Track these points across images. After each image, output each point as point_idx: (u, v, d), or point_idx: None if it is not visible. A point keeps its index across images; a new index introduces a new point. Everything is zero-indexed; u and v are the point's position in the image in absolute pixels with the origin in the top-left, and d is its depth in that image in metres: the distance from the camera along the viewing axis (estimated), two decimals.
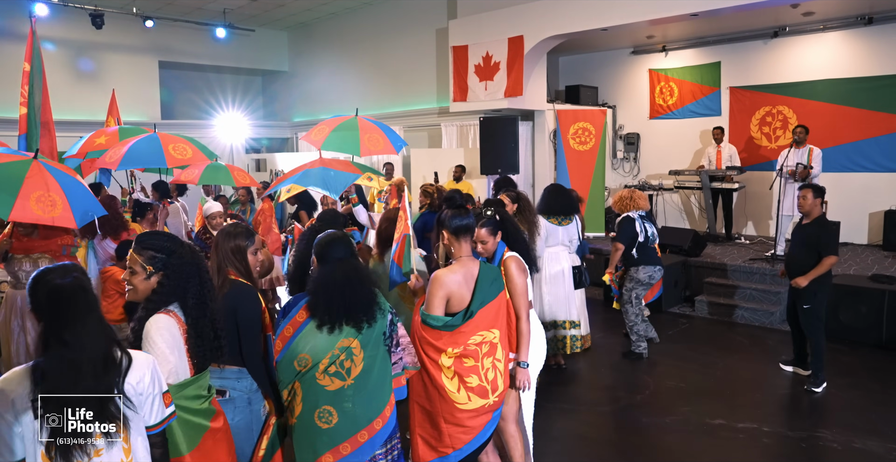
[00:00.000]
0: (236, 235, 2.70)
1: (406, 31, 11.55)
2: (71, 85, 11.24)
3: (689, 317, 6.92)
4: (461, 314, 2.73)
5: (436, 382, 2.69)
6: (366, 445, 2.47)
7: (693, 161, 10.09)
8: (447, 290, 2.70)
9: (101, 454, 1.72)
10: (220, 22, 12.51)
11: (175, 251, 2.20)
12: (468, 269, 2.77)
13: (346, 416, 2.45)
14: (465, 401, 2.69)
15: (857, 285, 5.96)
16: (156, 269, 2.16)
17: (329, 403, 2.44)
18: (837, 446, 3.92)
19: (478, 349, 2.72)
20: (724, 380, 5.10)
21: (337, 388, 2.44)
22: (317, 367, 2.44)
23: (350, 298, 2.46)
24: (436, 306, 2.69)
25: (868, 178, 8.57)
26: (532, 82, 9.24)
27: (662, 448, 3.98)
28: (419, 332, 2.72)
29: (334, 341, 2.43)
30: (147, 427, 1.86)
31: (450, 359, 2.70)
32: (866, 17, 8.40)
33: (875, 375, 5.14)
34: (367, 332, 2.49)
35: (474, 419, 2.74)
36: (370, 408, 2.50)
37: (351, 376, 2.45)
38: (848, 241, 8.65)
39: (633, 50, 10.84)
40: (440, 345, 2.68)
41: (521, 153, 9.23)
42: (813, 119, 8.69)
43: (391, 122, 11.71)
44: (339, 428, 2.45)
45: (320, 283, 2.49)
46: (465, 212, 2.83)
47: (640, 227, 5.32)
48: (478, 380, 2.71)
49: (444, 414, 2.72)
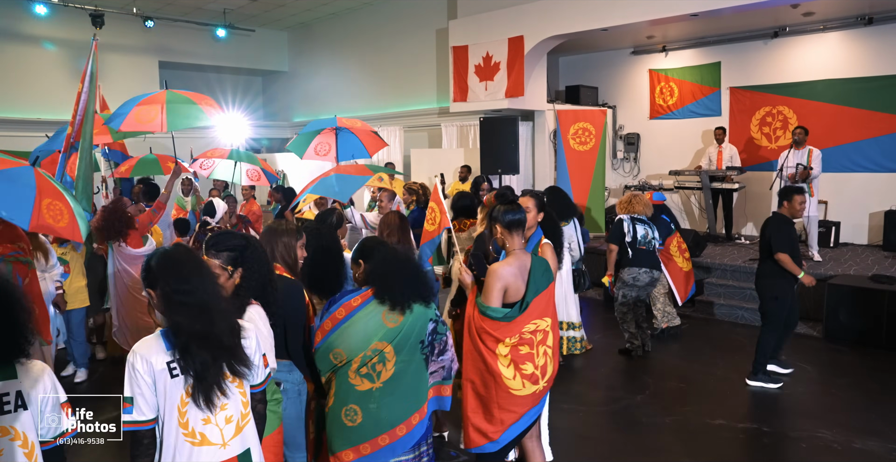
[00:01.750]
0: (285, 232, 2.79)
1: (406, 31, 11.55)
2: (71, 85, 11.23)
3: (688, 317, 6.91)
4: (518, 305, 2.83)
5: (492, 370, 2.78)
6: (386, 449, 2.50)
7: (693, 161, 10.09)
8: (504, 282, 2.80)
9: (226, 407, 1.92)
10: (220, 22, 12.51)
11: (247, 245, 2.35)
12: (522, 261, 2.88)
13: (370, 417, 2.49)
14: (520, 387, 2.80)
15: (857, 285, 5.95)
16: (235, 267, 2.30)
17: (356, 403, 2.49)
18: (837, 446, 3.92)
19: (532, 337, 2.83)
20: (724, 380, 5.10)
21: (366, 389, 2.49)
22: (349, 365, 2.49)
23: (415, 278, 2.56)
24: (494, 298, 2.80)
25: (868, 178, 8.57)
26: (532, 82, 9.25)
27: (662, 448, 3.98)
28: (477, 323, 2.81)
29: (368, 343, 2.48)
30: (252, 386, 2.04)
31: (506, 347, 2.80)
32: (866, 18, 8.40)
33: (875, 375, 5.14)
34: (402, 338, 2.51)
35: (525, 405, 2.85)
36: (395, 413, 2.52)
37: (380, 380, 2.49)
38: (848, 241, 8.65)
39: (633, 50, 10.84)
40: (498, 335, 2.78)
41: (521, 153, 9.23)
42: (813, 119, 8.69)
43: (391, 122, 11.74)
44: (362, 428, 2.49)
45: (384, 267, 2.56)
46: (516, 207, 2.94)
47: (627, 229, 5.45)
48: (532, 367, 2.82)
49: (499, 400, 2.81)
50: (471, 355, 2.87)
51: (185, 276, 1.88)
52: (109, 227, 4.66)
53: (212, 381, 1.85)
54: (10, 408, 1.74)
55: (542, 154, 9.83)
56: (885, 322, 5.71)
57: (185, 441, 1.86)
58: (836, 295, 5.98)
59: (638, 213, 5.55)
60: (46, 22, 10.99)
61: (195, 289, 1.87)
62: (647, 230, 5.50)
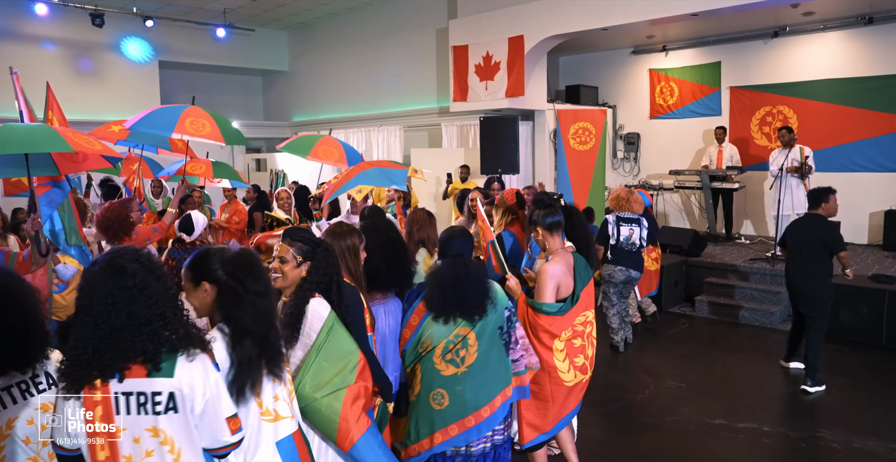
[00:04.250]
0: (349, 234, 2.78)
1: (406, 31, 11.55)
2: (71, 85, 11.24)
3: (689, 317, 6.92)
4: (569, 298, 3.03)
5: (547, 365, 2.93)
6: (472, 430, 2.64)
7: (693, 161, 10.09)
8: (557, 280, 2.99)
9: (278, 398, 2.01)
10: (220, 22, 12.51)
11: (321, 244, 2.41)
12: (566, 259, 3.07)
13: (457, 399, 2.62)
14: (572, 378, 2.98)
15: (857, 285, 5.95)
16: (304, 259, 2.36)
17: (442, 387, 2.63)
18: (837, 446, 3.92)
19: (583, 329, 3.02)
20: (724, 380, 5.10)
21: (451, 373, 2.64)
22: (434, 351, 2.64)
23: (460, 294, 2.62)
24: (549, 295, 2.97)
25: (868, 178, 8.57)
26: (532, 82, 9.24)
27: (662, 448, 3.98)
28: (532, 321, 2.96)
29: (451, 330, 2.63)
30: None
31: (562, 342, 2.97)
32: (866, 17, 8.40)
33: (875, 375, 5.14)
34: (482, 325, 2.65)
35: (575, 395, 3.05)
36: (480, 396, 2.65)
37: (465, 364, 2.63)
38: (848, 241, 8.56)
39: (633, 50, 10.84)
40: (554, 330, 2.95)
41: (522, 153, 9.23)
42: (813, 119, 8.70)
43: (391, 122, 11.76)
44: (449, 410, 2.63)
45: (434, 279, 2.69)
46: (555, 210, 3.14)
47: (612, 231, 5.53)
48: (583, 358, 3.02)
49: (553, 394, 2.97)
50: None
51: (258, 279, 1.97)
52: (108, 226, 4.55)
53: (248, 376, 1.91)
54: (161, 408, 1.70)
55: (542, 154, 9.83)
56: (885, 322, 5.71)
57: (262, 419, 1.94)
58: (837, 295, 5.96)
59: (631, 212, 5.58)
60: (46, 22, 10.99)
61: (266, 292, 1.97)
62: (633, 230, 5.54)
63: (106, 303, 1.64)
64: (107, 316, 1.64)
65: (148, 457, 1.68)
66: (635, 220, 5.56)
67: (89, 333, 1.64)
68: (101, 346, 1.63)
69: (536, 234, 3.12)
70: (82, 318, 1.66)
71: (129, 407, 1.67)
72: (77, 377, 1.64)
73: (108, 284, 1.66)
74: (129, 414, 1.67)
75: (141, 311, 1.66)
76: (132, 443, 1.68)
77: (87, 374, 1.64)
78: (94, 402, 1.65)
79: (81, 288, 1.69)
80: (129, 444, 1.68)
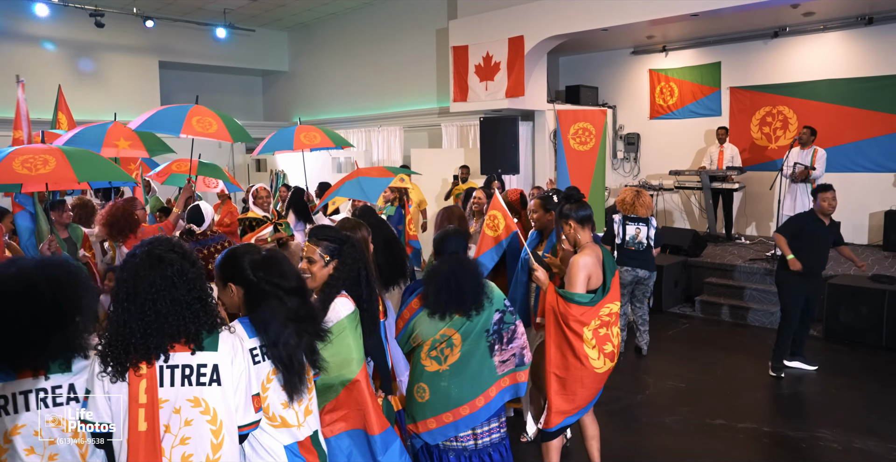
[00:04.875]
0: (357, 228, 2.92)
1: (406, 31, 11.55)
2: (71, 85, 11.23)
3: (689, 317, 6.92)
4: (600, 289, 3.13)
5: (578, 353, 3.04)
6: (448, 426, 2.77)
7: (694, 161, 10.09)
8: (588, 271, 3.09)
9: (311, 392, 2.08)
10: (221, 22, 12.51)
11: (347, 241, 2.47)
12: (596, 251, 3.18)
13: (439, 395, 2.75)
14: (602, 365, 3.09)
15: (857, 285, 5.95)
16: (332, 258, 2.42)
17: (425, 382, 2.77)
18: (837, 446, 3.92)
19: (609, 319, 3.13)
20: (724, 380, 5.10)
21: (434, 370, 2.77)
22: (422, 347, 2.77)
23: (456, 290, 2.69)
24: (580, 285, 3.06)
25: (868, 178, 8.57)
26: (532, 82, 9.24)
27: (662, 448, 3.98)
28: (562, 310, 3.06)
29: (438, 328, 2.73)
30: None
31: (590, 331, 3.07)
32: (866, 17, 8.40)
33: (875, 375, 5.14)
34: (469, 327, 2.74)
35: (602, 381, 3.16)
36: (461, 394, 2.76)
37: (447, 362, 2.74)
38: (848, 241, 8.56)
39: (633, 50, 10.84)
40: (584, 319, 3.04)
41: (521, 153, 9.22)
42: (813, 119, 8.69)
43: (391, 122, 11.76)
44: (429, 405, 2.76)
45: (431, 276, 2.76)
46: (586, 205, 3.25)
47: (617, 231, 5.52)
48: (611, 346, 3.12)
49: (583, 380, 3.07)
50: (554, 342, 3.10)
51: (287, 276, 2.02)
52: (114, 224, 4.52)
53: (296, 371, 1.98)
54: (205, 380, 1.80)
55: (542, 154, 9.83)
56: (885, 322, 5.71)
57: (267, 423, 1.98)
58: (836, 295, 5.98)
59: (639, 215, 5.53)
60: (46, 22, 10.99)
61: (297, 289, 2.02)
62: (639, 229, 5.50)
63: (150, 291, 1.75)
64: (152, 303, 1.75)
65: (187, 426, 1.76)
66: (643, 220, 5.54)
67: (136, 320, 1.73)
68: (148, 331, 1.73)
69: (568, 227, 3.22)
70: (127, 306, 1.75)
71: (174, 379, 1.77)
72: (123, 360, 1.73)
73: (151, 274, 1.76)
74: (172, 385, 1.77)
75: (182, 297, 1.78)
76: (172, 413, 1.76)
77: (134, 357, 1.73)
78: (139, 376, 1.74)
79: (124, 279, 1.78)
80: (169, 414, 1.76)
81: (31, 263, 1.76)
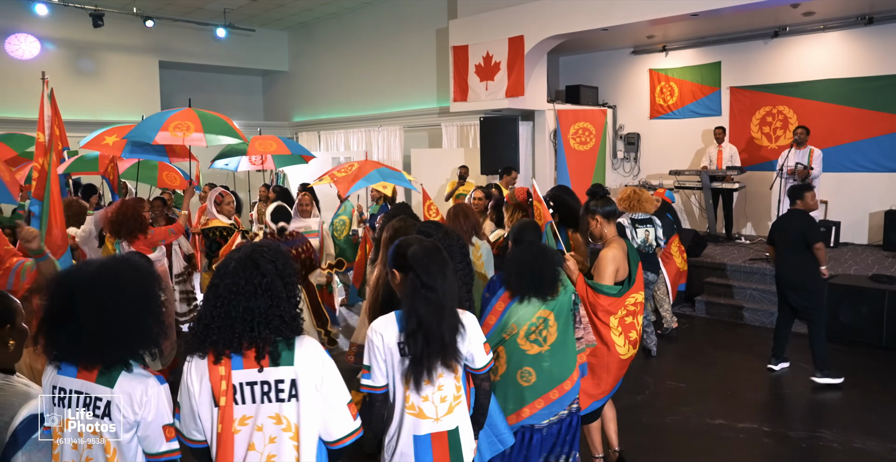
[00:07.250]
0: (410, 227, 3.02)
1: (406, 31, 11.55)
2: (71, 85, 11.24)
3: (689, 317, 6.91)
4: (626, 281, 3.28)
5: (606, 339, 3.21)
6: (555, 402, 2.88)
7: (693, 161, 10.09)
8: (616, 264, 3.25)
9: (442, 388, 2.15)
10: (220, 22, 12.51)
11: (432, 235, 2.55)
12: (621, 244, 3.33)
13: (544, 374, 2.85)
14: (626, 352, 3.25)
15: (857, 285, 5.95)
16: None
17: (530, 365, 2.86)
18: (837, 446, 3.92)
19: (634, 309, 3.28)
20: (724, 380, 5.10)
21: (535, 352, 2.87)
22: (518, 333, 2.85)
23: (538, 274, 2.82)
24: (609, 278, 3.22)
25: (868, 178, 8.56)
26: (532, 82, 9.24)
27: (662, 448, 3.98)
28: (591, 299, 3.21)
29: (534, 312, 2.83)
30: (475, 369, 2.27)
31: (616, 320, 3.23)
32: (866, 17, 8.40)
33: (875, 375, 5.14)
34: (559, 307, 2.86)
35: (625, 366, 3.31)
36: (563, 370, 2.89)
37: (547, 343, 2.86)
38: (848, 241, 8.65)
39: (633, 50, 10.83)
40: (612, 308, 3.21)
41: (522, 153, 9.23)
42: (813, 119, 8.69)
43: (391, 122, 11.76)
44: (537, 385, 2.86)
45: (514, 262, 2.89)
46: (610, 201, 3.42)
47: (630, 234, 5.37)
48: (635, 334, 3.29)
49: (609, 365, 3.22)
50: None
51: (433, 275, 2.09)
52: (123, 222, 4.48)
53: (423, 367, 2.06)
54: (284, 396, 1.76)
55: (543, 154, 9.83)
56: (885, 322, 5.71)
57: (407, 412, 2.11)
58: (836, 295, 5.98)
59: (643, 212, 5.47)
60: (46, 22, 10.98)
61: (438, 288, 2.09)
62: (648, 231, 5.42)
63: (230, 291, 1.73)
64: (225, 302, 1.72)
65: (271, 443, 1.76)
66: (648, 221, 5.45)
67: (209, 309, 1.75)
68: (212, 326, 1.73)
69: (595, 221, 3.39)
70: (208, 295, 1.77)
71: (255, 396, 1.75)
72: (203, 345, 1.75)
73: (239, 275, 1.73)
74: (253, 403, 1.75)
75: (259, 309, 1.73)
76: (255, 431, 1.75)
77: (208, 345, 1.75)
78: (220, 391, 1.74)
79: (219, 267, 1.79)
80: (253, 432, 1.75)
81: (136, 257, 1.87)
